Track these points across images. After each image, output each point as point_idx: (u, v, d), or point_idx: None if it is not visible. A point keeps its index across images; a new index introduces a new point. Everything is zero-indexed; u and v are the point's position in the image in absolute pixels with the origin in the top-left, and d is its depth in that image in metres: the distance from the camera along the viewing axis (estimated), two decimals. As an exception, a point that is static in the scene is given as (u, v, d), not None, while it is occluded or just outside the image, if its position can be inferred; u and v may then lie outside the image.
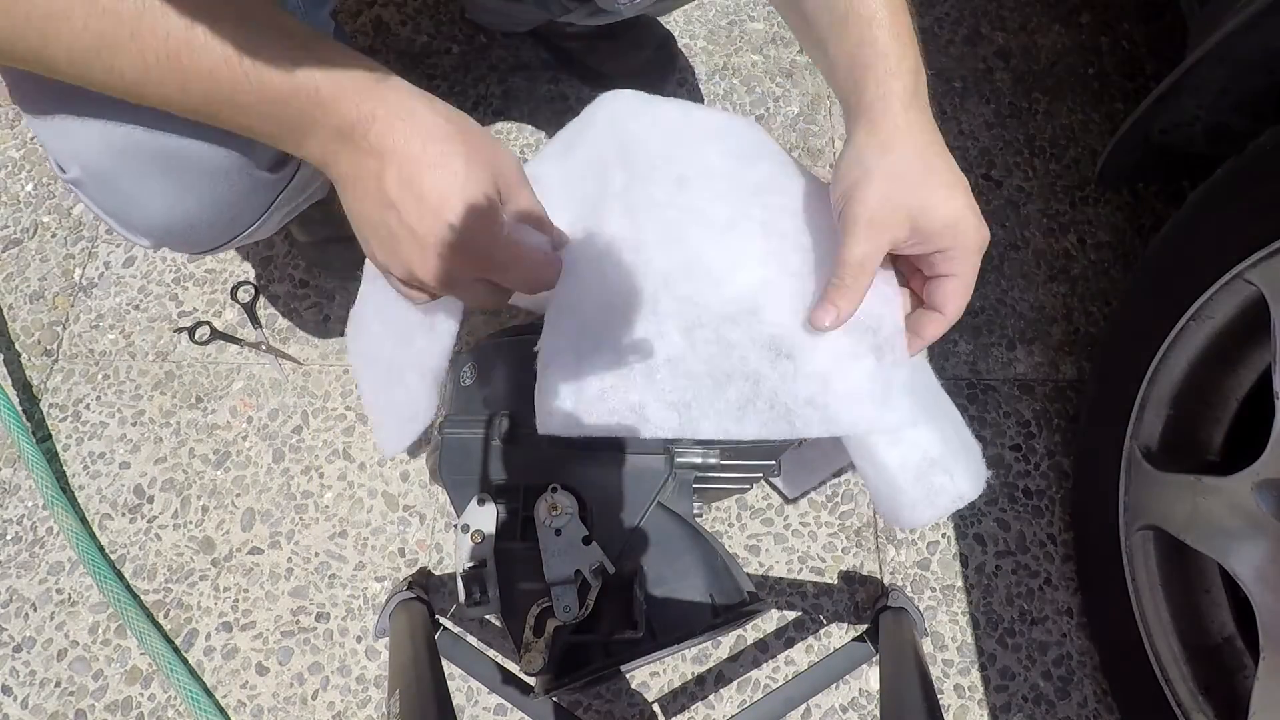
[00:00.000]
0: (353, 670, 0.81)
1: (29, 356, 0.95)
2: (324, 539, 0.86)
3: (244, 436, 0.91)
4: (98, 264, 0.99)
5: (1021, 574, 0.86)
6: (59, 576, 0.85)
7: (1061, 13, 1.16)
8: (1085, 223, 1.02)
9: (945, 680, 0.82)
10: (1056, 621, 0.84)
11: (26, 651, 0.82)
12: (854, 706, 0.80)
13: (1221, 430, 0.69)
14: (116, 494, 0.88)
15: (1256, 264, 0.59)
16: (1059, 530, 0.87)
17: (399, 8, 1.15)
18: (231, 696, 0.81)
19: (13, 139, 1.07)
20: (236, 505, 0.88)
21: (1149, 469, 0.70)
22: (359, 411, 0.92)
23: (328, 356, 0.94)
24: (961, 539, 0.87)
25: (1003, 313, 0.97)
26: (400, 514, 0.88)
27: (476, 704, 0.80)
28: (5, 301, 0.97)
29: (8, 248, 1.00)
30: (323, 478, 0.89)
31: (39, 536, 0.86)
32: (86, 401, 0.92)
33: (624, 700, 0.80)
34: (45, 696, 0.80)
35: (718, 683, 0.81)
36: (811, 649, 0.82)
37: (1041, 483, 0.89)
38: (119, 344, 0.95)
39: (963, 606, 0.84)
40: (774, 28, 1.15)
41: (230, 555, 0.86)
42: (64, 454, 0.90)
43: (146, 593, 0.84)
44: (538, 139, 1.06)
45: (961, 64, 1.12)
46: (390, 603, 0.72)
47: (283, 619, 0.83)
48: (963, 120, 1.08)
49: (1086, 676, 0.82)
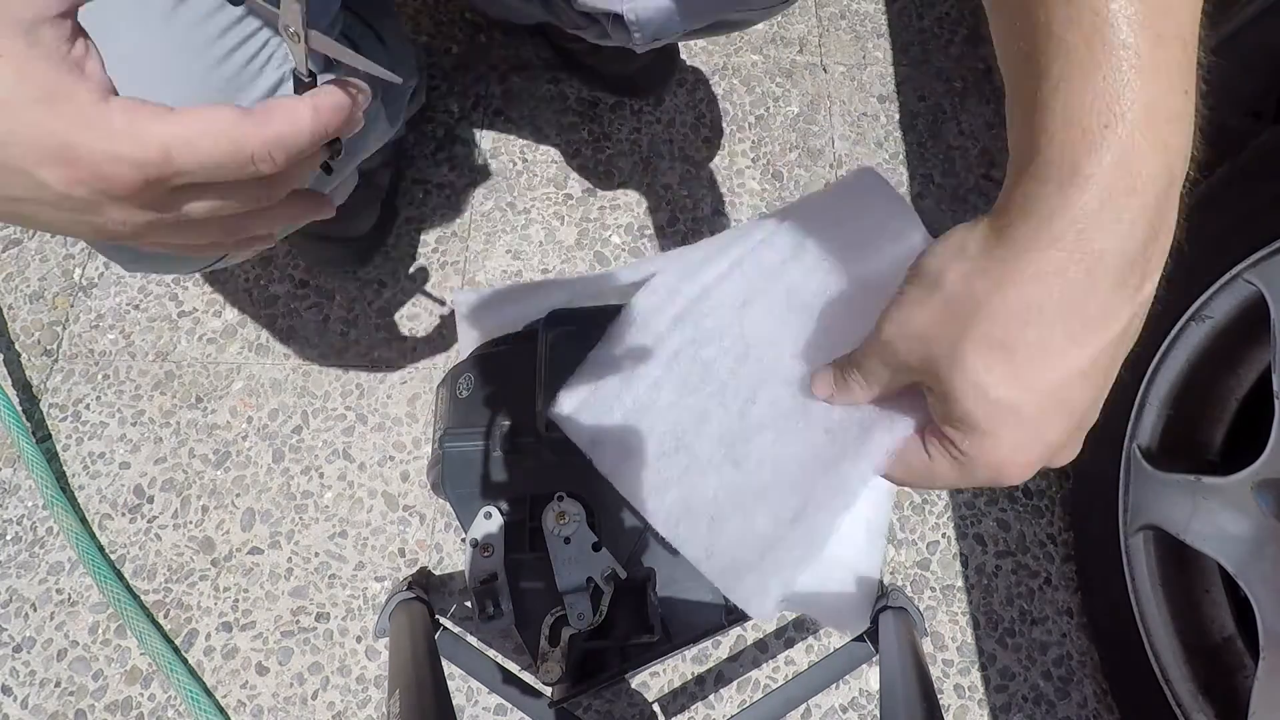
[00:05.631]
0: (353, 670, 0.81)
1: (29, 356, 0.95)
2: (324, 539, 0.86)
3: (244, 436, 0.91)
4: (98, 264, 0.99)
5: (1021, 574, 0.86)
6: (59, 576, 0.85)
7: (1061, 13, 1.16)
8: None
9: (945, 680, 0.82)
10: (1056, 621, 0.84)
11: (26, 651, 0.82)
12: (854, 706, 0.80)
13: (1221, 430, 0.69)
14: (116, 494, 0.88)
15: (1256, 264, 0.59)
16: (1059, 530, 0.87)
17: (398, 7, 1.15)
18: (231, 696, 0.81)
19: (13, 139, 1.07)
20: (236, 505, 0.88)
21: (1149, 469, 0.70)
22: (359, 411, 0.92)
23: (327, 356, 0.94)
24: (961, 539, 0.87)
25: (1003, 313, 0.97)
26: (400, 514, 0.88)
27: (476, 704, 0.80)
28: (5, 301, 0.97)
29: (8, 248, 1.00)
30: (323, 478, 0.89)
31: (39, 536, 0.86)
32: (86, 401, 0.92)
33: (624, 700, 0.80)
34: (45, 696, 0.80)
35: (718, 683, 0.81)
36: (811, 649, 0.82)
37: (1041, 483, 0.89)
38: (119, 344, 0.95)
39: (963, 606, 0.84)
40: (774, 27, 1.15)
41: (230, 555, 0.86)
42: (64, 454, 0.90)
43: (146, 593, 0.84)
44: (538, 138, 1.06)
45: (961, 64, 1.12)
46: (390, 603, 0.72)
47: (283, 619, 0.83)
48: (963, 120, 1.08)
49: (1086, 676, 0.82)
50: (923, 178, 1.05)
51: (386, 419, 0.91)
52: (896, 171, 1.06)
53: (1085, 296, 0.28)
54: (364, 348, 0.95)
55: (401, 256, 0.99)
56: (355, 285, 0.98)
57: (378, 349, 0.95)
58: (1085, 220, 0.27)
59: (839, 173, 1.05)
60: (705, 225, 1.01)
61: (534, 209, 1.02)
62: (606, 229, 1.01)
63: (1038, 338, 0.28)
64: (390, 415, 0.92)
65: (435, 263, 0.99)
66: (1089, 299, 0.28)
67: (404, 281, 0.98)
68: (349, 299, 0.97)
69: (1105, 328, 0.28)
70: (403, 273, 0.98)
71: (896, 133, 1.08)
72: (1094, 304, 0.28)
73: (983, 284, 0.29)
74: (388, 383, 0.93)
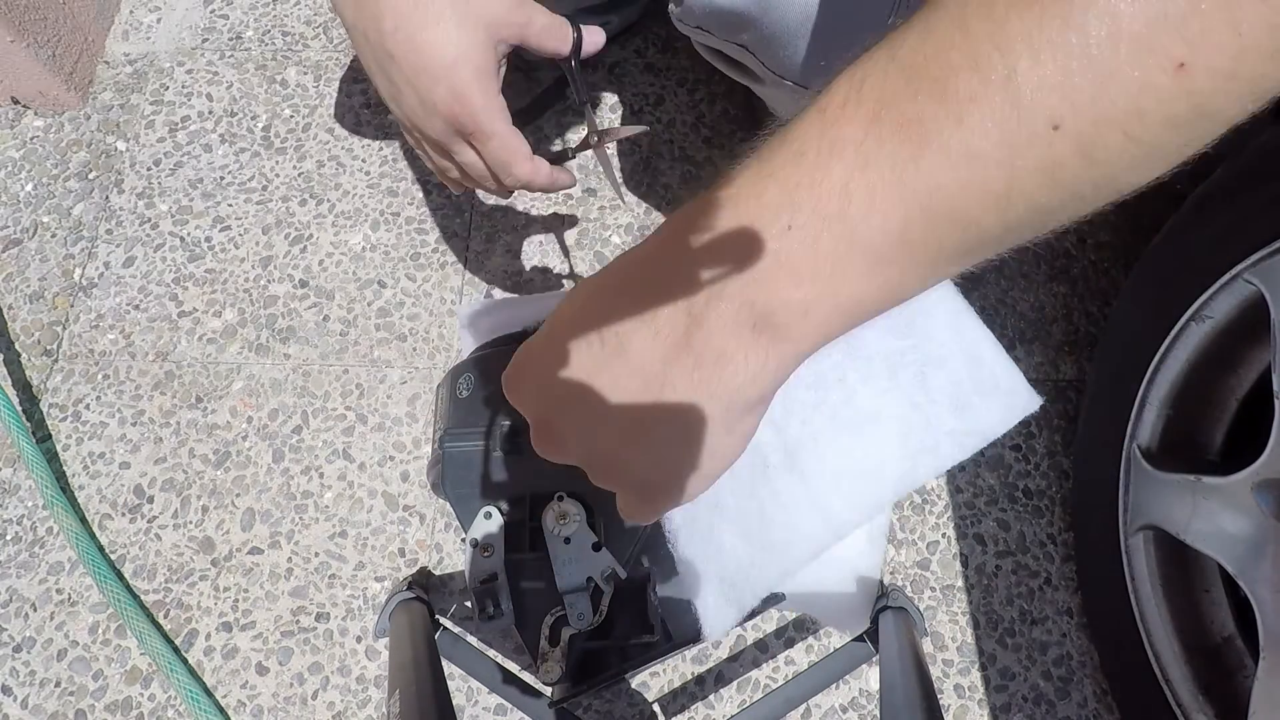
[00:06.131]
0: (353, 670, 0.81)
1: (29, 356, 0.95)
2: (324, 539, 0.86)
3: (244, 436, 0.91)
4: (98, 264, 0.99)
5: (1021, 574, 0.86)
6: (59, 576, 0.85)
7: (1061, 13, 1.16)
8: (1085, 222, 1.01)
9: (945, 680, 0.82)
10: (1056, 621, 0.84)
11: (26, 651, 0.82)
12: (854, 706, 0.80)
13: (1221, 430, 0.69)
14: (116, 494, 0.88)
15: (1256, 264, 0.59)
16: (1059, 530, 0.87)
17: (399, 8, 1.15)
18: (231, 696, 0.81)
19: (13, 139, 1.07)
20: (236, 505, 0.88)
21: (1149, 469, 0.70)
22: (359, 411, 0.92)
23: (327, 356, 0.94)
24: (961, 539, 0.87)
25: (1003, 313, 0.97)
26: (400, 514, 0.88)
27: (476, 704, 0.80)
28: (5, 301, 0.97)
29: (8, 248, 1.00)
30: (323, 478, 0.89)
31: (39, 536, 0.86)
32: (86, 401, 0.92)
33: (624, 700, 0.80)
34: (45, 696, 0.80)
35: (718, 683, 0.81)
36: (811, 649, 0.82)
37: (1041, 483, 0.89)
38: (119, 344, 0.95)
39: (963, 606, 0.84)
40: (774, 28, 1.15)
41: (230, 555, 0.86)
42: (64, 454, 0.90)
43: (146, 593, 0.84)
44: (538, 138, 1.06)
45: (961, 64, 1.12)
46: (390, 603, 0.72)
47: (283, 619, 0.83)
48: (963, 120, 1.08)
49: (1086, 676, 0.82)
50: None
51: (386, 419, 0.91)
52: (896, 171, 1.06)
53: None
54: (364, 348, 0.95)
55: (402, 256, 0.99)
56: (355, 285, 0.98)
57: (378, 349, 0.95)
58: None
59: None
60: (705, 225, 1.01)
61: (534, 209, 1.02)
62: (606, 229, 1.01)
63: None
64: (390, 415, 0.92)
65: (435, 263, 0.99)
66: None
67: (404, 281, 0.98)
68: (349, 299, 0.97)
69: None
70: (403, 273, 0.98)
71: (896, 133, 1.08)
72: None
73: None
74: (388, 383, 0.93)
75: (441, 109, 0.50)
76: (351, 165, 1.04)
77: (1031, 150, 0.23)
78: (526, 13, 0.52)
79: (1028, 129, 0.22)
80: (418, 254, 1.00)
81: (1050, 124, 0.22)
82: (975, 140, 0.23)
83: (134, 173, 1.04)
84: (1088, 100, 0.22)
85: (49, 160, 1.05)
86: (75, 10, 1.07)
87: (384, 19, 0.47)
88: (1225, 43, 0.21)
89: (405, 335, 0.95)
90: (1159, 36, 0.21)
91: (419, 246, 1.00)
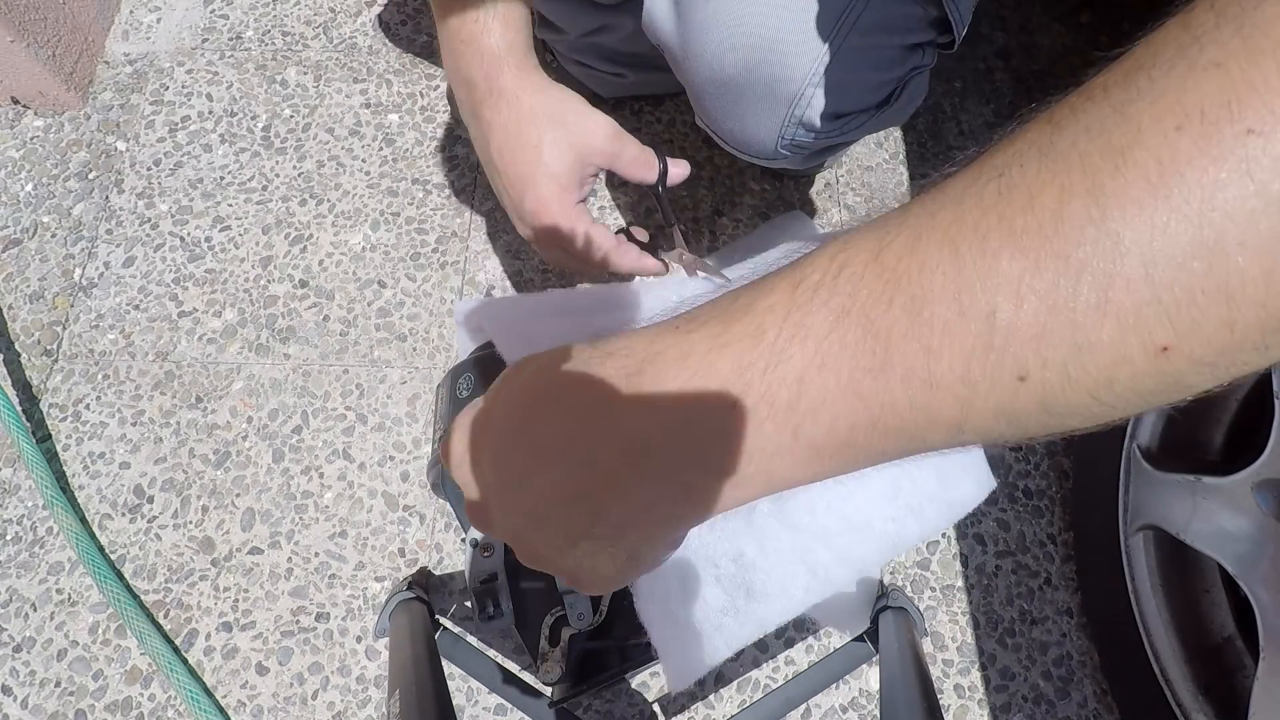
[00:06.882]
0: (353, 670, 0.81)
1: (29, 356, 0.95)
2: (324, 539, 0.86)
3: (244, 436, 0.91)
4: (98, 264, 0.99)
5: (1021, 574, 0.86)
6: (59, 576, 0.85)
7: (1061, 12, 1.16)
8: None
9: (945, 680, 0.82)
10: (1056, 621, 0.84)
11: (26, 651, 0.82)
12: (854, 706, 0.80)
13: (1221, 430, 0.69)
14: (116, 494, 0.88)
15: (1256, 264, 0.59)
16: (1059, 530, 0.87)
17: (399, 8, 1.15)
18: (231, 696, 0.81)
19: (13, 139, 1.07)
20: (236, 505, 0.88)
21: (1149, 469, 0.70)
22: (359, 411, 0.92)
23: (327, 356, 0.94)
24: (961, 539, 0.87)
25: (1003, 313, 0.97)
26: (400, 514, 0.88)
27: (476, 704, 0.80)
28: (5, 301, 0.97)
29: (8, 248, 1.00)
30: (323, 478, 0.89)
31: (39, 536, 0.86)
32: (86, 401, 0.92)
33: (624, 700, 0.80)
34: (45, 696, 0.80)
35: (718, 683, 0.81)
36: (811, 649, 0.82)
37: (1041, 483, 0.89)
38: (119, 344, 0.95)
39: (963, 606, 0.84)
40: (774, 28, 1.15)
41: (230, 555, 0.86)
42: (64, 454, 0.90)
43: (146, 593, 0.84)
44: (538, 139, 1.06)
45: (962, 64, 1.12)
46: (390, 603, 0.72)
47: (283, 619, 0.83)
48: (963, 120, 1.08)
49: (1086, 676, 0.82)
50: (922, 178, 1.05)
51: (386, 419, 0.92)
52: (896, 171, 1.06)
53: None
54: (364, 348, 0.95)
55: (402, 256, 0.99)
56: (355, 285, 0.98)
57: (378, 349, 0.95)
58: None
59: (839, 173, 1.05)
60: (705, 226, 1.01)
61: (534, 209, 1.02)
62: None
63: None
64: (390, 415, 0.92)
65: (435, 263, 0.99)
66: None
67: (404, 281, 0.98)
68: (349, 299, 0.97)
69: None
70: (403, 273, 0.98)
71: (896, 133, 1.08)
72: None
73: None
74: (388, 383, 0.93)
75: (527, 218, 0.60)
76: (351, 165, 1.04)
77: (993, 394, 0.22)
78: (620, 144, 0.61)
79: (994, 374, 0.22)
80: (418, 254, 1.00)
81: (1018, 374, 0.22)
82: (939, 371, 0.22)
83: (134, 173, 1.04)
84: (1060, 360, 0.21)
85: (49, 160, 1.05)
86: (75, 10, 1.07)
87: (492, 137, 0.58)
88: (1215, 337, 0.20)
89: (405, 335, 0.95)
90: (1149, 319, 0.20)
91: (419, 246, 1.00)
